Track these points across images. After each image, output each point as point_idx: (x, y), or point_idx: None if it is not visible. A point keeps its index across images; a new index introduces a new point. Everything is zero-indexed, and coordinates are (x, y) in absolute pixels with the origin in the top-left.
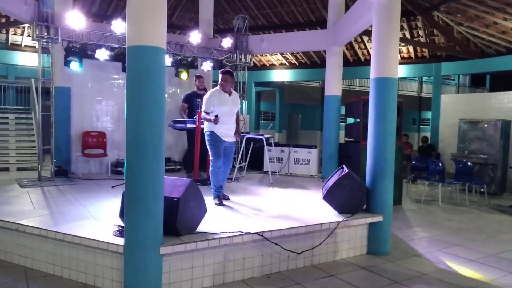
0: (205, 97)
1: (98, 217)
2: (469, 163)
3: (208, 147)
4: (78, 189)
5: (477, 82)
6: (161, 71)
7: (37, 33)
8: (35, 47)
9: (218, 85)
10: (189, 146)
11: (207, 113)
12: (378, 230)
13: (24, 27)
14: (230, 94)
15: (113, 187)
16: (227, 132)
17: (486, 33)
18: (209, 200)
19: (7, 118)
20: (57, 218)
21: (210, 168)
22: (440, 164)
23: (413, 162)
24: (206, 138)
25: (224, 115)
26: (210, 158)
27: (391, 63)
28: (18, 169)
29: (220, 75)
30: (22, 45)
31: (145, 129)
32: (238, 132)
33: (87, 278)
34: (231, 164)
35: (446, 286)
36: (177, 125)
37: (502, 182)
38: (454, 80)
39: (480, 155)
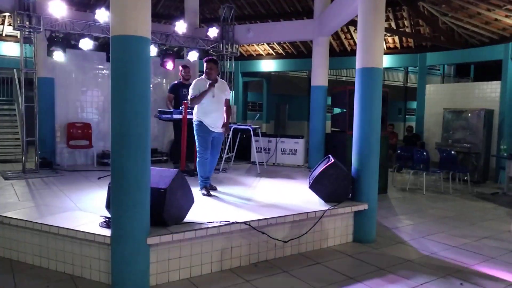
0: (191, 85)
1: (84, 209)
2: (453, 152)
3: (195, 137)
4: (64, 181)
5: (462, 72)
6: (146, 61)
7: (18, 22)
8: (16, 36)
9: (204, 74)
10: (175, 137)
11: (194, 97)
12: (364, 218)
13: (4, 16)
14: (216, 81)
15: (99, 178)
16: (215, 122)
17: (470, 23)
18: (197, 191)
19: None
20: (42, 210)
21: (198, 159)
22: (425, 153)
23: (398, 152)
24: (194, 128)
25: (213, 103)
26: (197, 148)
27: (376, 53)
28: (2, 161)
29: (205, 64)
30: (3, 35)
31: (130, 119)
32: (226, 125)
33: (74, 269)
34: (218, 155)
35: (430, 272)
36: (163, 115)
37: (485, 171)
38: (439, 70)
39: (463, 144)
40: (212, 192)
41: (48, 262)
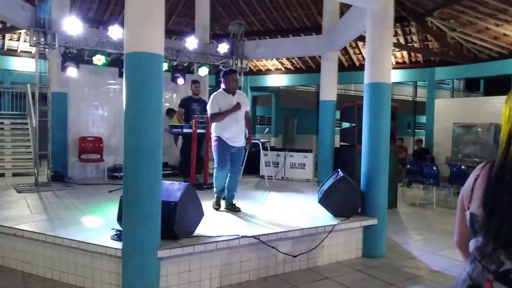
0: (210, 99)
1: (96, 222)
2: (463, 167)
3: (214, 153)
4: (75, 194)
5: (472, 86)
6: (159, 77)
7: (34, 39)
8: (31, 52)
9: (222, 88)
10: (185, 150)
11: (217, 114)
12: (373, 233)
13: (20, 33)
14: (234, 94)
15: (110, 192)
16: (235, 136)
17: (478, 38)
18: (206, 204)
19: (2, 123)
20: (54, 222)
21: (214, 174)
22: (435, 168)
23: (408, 166)
24: (213, 144)
25: (232, 117)
26: (215, 164)
27: (385, 68)
28: (14, 175)
29: (226, 76)
30: (18, 50)
31: (143, 133)
32: (249, 139)
33: (85, 282)
34: (240, 171)
35: None
36: (174, 129)
37: None
38: (448, 84)
39: (474, 159)
40: (230, 212)
41: (59, 274)
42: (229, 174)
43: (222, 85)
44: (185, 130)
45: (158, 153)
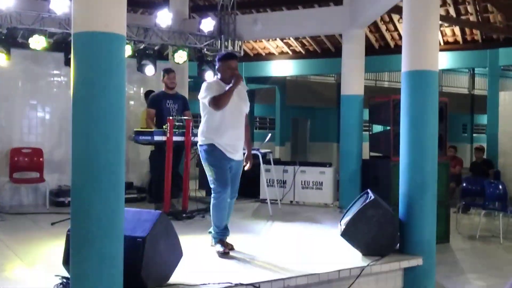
0: (203, 87)
1: (34, 266)
2: None
3: (206, 168)
4: (5, 228)
5: None
6: (120, 65)
7: None
8: None
9: (218, 76)
10: (157, 166)
11: (220, 96)
12: (417, 278)
13: None
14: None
15: (53, 224)
16: (234, 143)
17: None
18: (187, 240)
19: None
20: None
21: (212, 201)
22: (501, 187)
23: (464, 184)
24: (202, 155)
25: (230, 115)
26: (211, 185)
27: (430, 50)
28: None
29: (225, 62)
30: None
31: (99, 143)
32: (250, 152)
33: None
34: (237, 193)
35: None
36: (141, 137)
37: None
38: None
39: None
40: (215, 248)
41: None
42: None
43: (218, 74)
44: (156, 138)
45: (119, 170)
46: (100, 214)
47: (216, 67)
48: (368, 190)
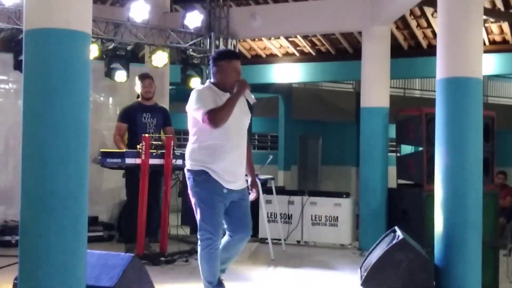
0: (193, 96)
1: None
2: None
3: (194, 204)
4: None
5: None
6: (83, 69)
7: None
8: None
9: (212, 80)
10: (129, 196)
11: (217, 108)
12: None
13: None
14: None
15: None
16: (235, 170)
17: None
18: None
19: None
20: None
21: (200, 250)
22: None
23: None
24: (190, 184)
25: (231, 132)
26: (199, 227)
27: (472, 52)
28: None
29: (223, 63)
30: None
31: (55, 167)
32: (253, 175)
33: None
34: (249, 234)
35: None
36: (109, 160)
37: None
38: None
39: None
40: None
41: None
42: (230, 236)
43: (212, 78)
44: (128, 161)
45: (80, 201)
46: (56, 257)
47: (212, 69)
48: (396, 228)
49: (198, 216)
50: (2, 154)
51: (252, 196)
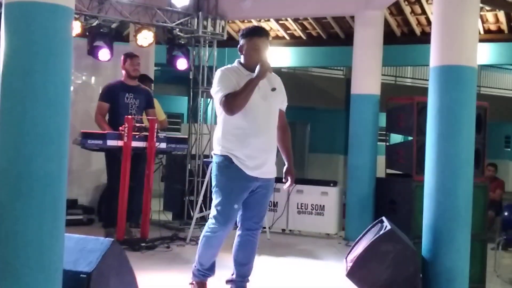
0: (216, 77)
1: None
2: None
3: (213, 188)
4: None
5: None
6: (65, 46)
7: None
8: None
9: (238, 62)
10: (110, 179)
11: (236, 93)
12: None
13: None
14: (269, 69)
15: None
16: (260, 156)
17: None
18: (146, 277)
19: None
20: None
21: (205, 232)
22: None
23: (506, 213)
24: (214, 171)
25: (258, 116)
26: (211, 213)
27: (466, 40)
28: None
29: (245, 40)
30: None
31: (33, 148)
32: (291, 166)
33: None
34: (262, 223)
35: None
36: (90, 141)
37: None
38: None
39: None
40: None
41: None
42: (239, 233)
43: (241, 59)
44: (110, 143)
45: (59, 183)
46: (32, 240)
47: (239, 45)
48: (383, 218)
49: (216, 201)
50: None
51: (286, 185)
